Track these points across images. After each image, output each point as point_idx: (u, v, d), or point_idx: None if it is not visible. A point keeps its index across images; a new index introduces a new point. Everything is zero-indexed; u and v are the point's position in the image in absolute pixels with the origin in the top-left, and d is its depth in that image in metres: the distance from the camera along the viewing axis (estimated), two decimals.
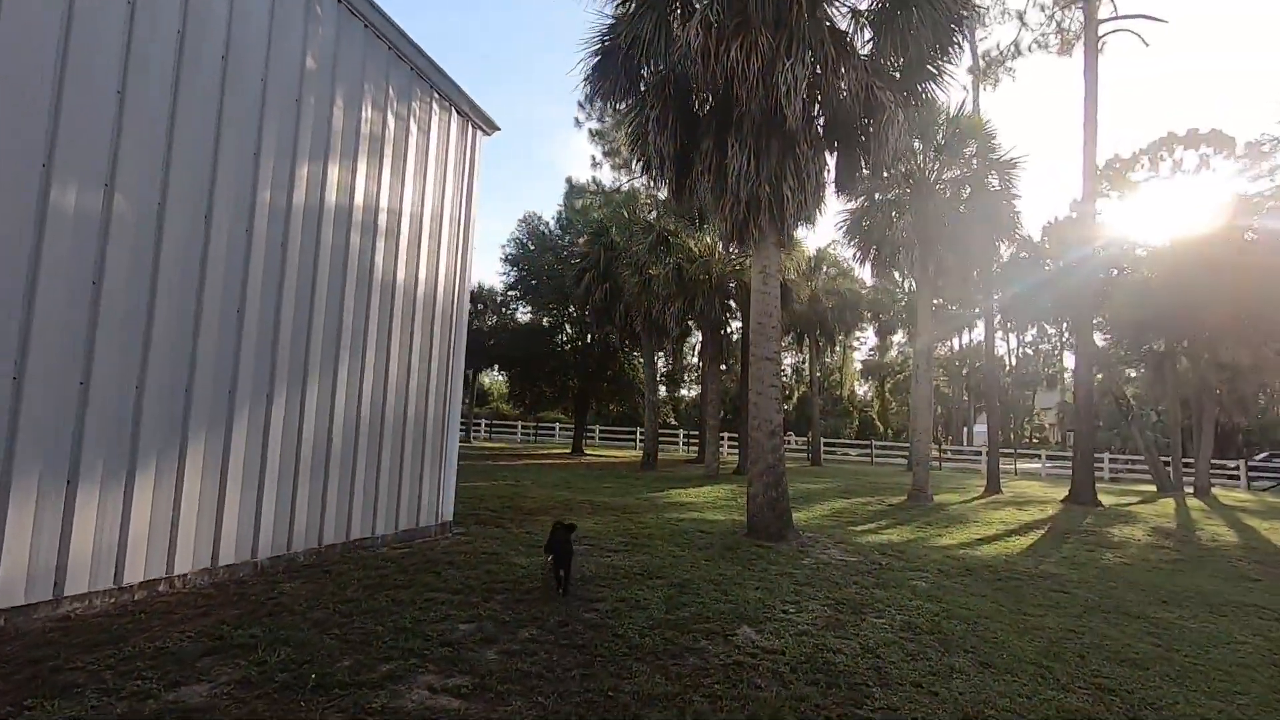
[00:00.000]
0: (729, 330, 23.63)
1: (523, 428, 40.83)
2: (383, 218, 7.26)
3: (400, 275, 7.52)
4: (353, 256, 6.86)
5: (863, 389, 67.55)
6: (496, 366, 35.95)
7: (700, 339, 24.92)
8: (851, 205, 16.98)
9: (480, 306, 33.70)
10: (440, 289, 8.21)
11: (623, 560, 7.18)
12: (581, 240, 23.97)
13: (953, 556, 9.14)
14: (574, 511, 11.46)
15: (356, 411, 6.94)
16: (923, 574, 7.72)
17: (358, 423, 6.96)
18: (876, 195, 16.71)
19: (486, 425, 41.98)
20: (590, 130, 25.59)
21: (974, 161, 16.15)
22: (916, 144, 15.96)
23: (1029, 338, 59.19)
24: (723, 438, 31.77)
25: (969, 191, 16.05)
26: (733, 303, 19.51)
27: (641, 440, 25.85)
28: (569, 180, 28.21)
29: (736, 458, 21.89)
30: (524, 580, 6.08)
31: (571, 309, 27.74)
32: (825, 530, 10.78)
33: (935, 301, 18.88)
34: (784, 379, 50.35)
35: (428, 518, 8.03)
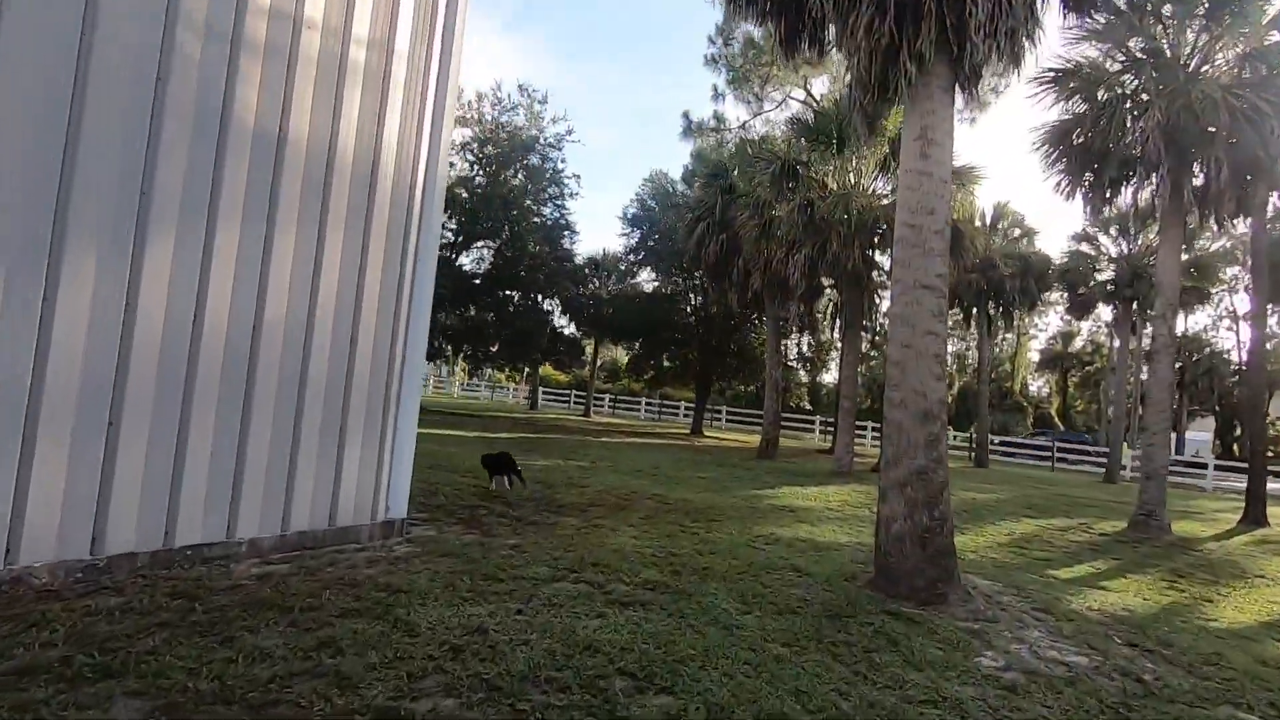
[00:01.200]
0: (877, 297, 18.98)
1: (646, 404, 38.41)
2: (254, 23, 4.39)
3: (293, 125, 4.64)
4: (183, 75, 4.05)
5: (1037, 383, 57.92)
6: (617, 338, 33.56)
7: (835, 300, 20.44)
8: (1058, 112, 12.13)
9: (604, 273, 31.60)
10: (384, 164, 5.28)
11: (619, 628, 3.84)
12: (696, 185, 20.36)
13: (1272, 662, 4.90)
14: (633, 509, 8.30)
15: (192, 331, 4.18)
16: (1239, 713, 3.74)
17: (195, 352, 4.20)
18: (1100, 93, 11.73)
19: (611, 400, 40.17)
20: (712, 57, 21.67)
21: (1270, 34, 10.71)
22: (1166, 8, 10.85)
23: (1271, 325, 47.32)
24: (864, 426, 27.08)
25: (1256, 72, 10.67)
26: (877, 253, 15.13)
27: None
28: (686, 115, 24.25)
29: (879, 450, 17.56)
30: (378, 675, 3.00)
31: (698, 275, 24.39)
32: (1008, 575, 6.76)
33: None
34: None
35: (354, 515, 5.20)
